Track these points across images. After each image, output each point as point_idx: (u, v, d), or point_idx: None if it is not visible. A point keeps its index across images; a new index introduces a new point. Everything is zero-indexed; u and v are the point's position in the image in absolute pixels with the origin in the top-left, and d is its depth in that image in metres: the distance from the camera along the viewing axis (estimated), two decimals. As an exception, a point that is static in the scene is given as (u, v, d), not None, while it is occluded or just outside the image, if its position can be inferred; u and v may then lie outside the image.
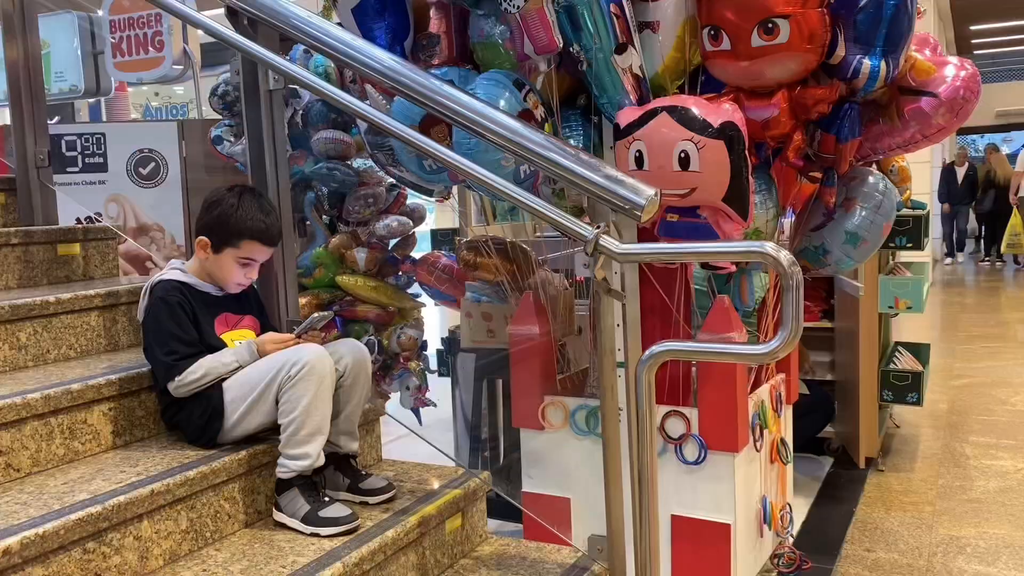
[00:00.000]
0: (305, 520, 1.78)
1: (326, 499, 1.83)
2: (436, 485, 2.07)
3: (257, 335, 2.01)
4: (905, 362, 4.02)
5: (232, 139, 3.52)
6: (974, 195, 12.93)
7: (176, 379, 1.85)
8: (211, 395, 1.87)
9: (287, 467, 1.82)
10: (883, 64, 2.10)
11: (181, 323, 1.90)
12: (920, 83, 2.27)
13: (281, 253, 2.23)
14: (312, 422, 1.81)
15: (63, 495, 1.60)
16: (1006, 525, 3.11)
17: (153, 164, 4.30)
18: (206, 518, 1.77)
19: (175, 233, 4.29)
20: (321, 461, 1.85)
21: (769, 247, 1.56)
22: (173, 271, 2.01)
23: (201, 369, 1.85)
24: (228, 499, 1.81)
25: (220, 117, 3.64)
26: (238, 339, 1.97)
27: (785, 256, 1.53)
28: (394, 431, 2.81)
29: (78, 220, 4.02)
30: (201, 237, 1.98)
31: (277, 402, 1.83)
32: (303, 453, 1.81)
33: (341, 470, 1.98)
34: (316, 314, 1.98)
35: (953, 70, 2.27)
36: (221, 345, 1.94)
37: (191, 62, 4.76)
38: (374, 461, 2.25)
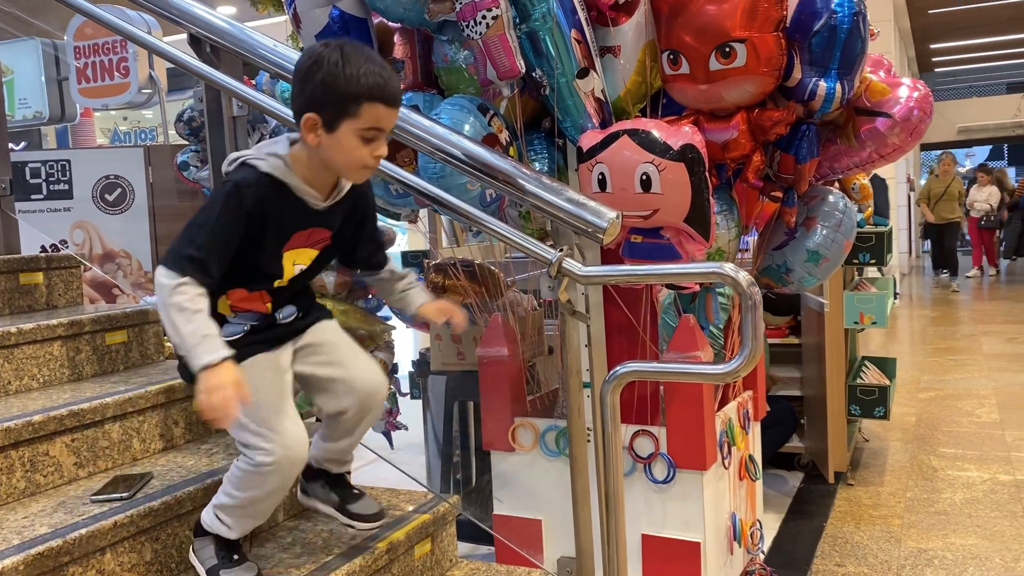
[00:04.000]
0: (208, 574, 1.64)
1: (235, 557, 1.65)
2: (405, 510, 2.06)
3: (320, 253, 1.66)
4: (872, 376, 4.07)
5: (199, 164, 3.52)
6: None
7: (174, 272, 1.45)
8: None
9: (207, 523, 1.65)
10: (838, 86, 2.15)
11: (235, 230, 1.50)
12: (875, 104, 2.32)
13: (247, 279, 2.22)
14: (252, 512, 1.64)
15: (23, 529, 1.58)
16: (973, 536, 3.15)
17: (119, 190, 4.27)
18: (171, 549, 1.75)
19: (142, 260, 4.26)
20: (243, 534, 1.68)
21: (728, 268, 1.59)
22: (275, 161, 1.54)
23: (186, 302, 1.44)
24: (193, 529, 1.79)
25: (187, 142, 3.64)
26: (294, 259, 1.62)
27: (744, 277, 1.56)
28: (364, 455, 2.80)
29: (43, 248, 3.98)
30: (308, 115, 1.50)
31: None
32: (228, 527, 1.63)
33: (331, 485, 1.81)
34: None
35: (907, 91, 2.32)
36: (275, 268, 1.59)
37: (158, 87, 4.75)
38: (343, 487, 2.24)
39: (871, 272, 4.68)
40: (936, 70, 17.11)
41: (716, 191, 2.23)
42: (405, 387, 3.74)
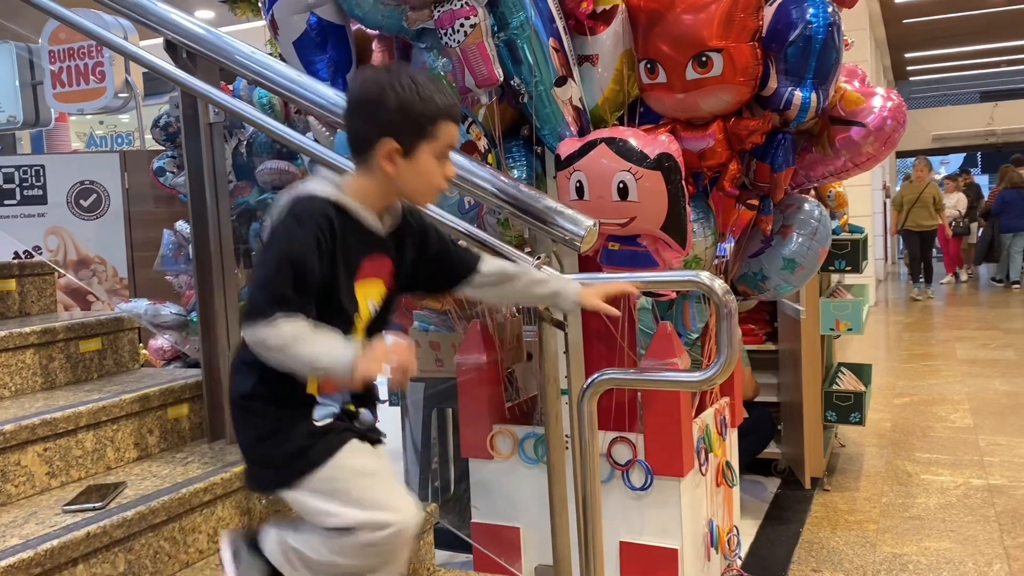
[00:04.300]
0: None
1: None
2: (382, 518, 2.05)
3: (386, 284, 1.54)
4: (847, 382, 4.11)
5: (175, 170, 3.50)
6: None
7: (260, 325, 1.32)
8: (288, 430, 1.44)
9: (276, 561, 1.49)
10: (814, 95, 2.17)
11: (307, 256, 1.36)
12: (849, 113, 2.35)
13: (223, 284, 2.21)
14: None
15: (-7, 541, 1.56)
16: (946, 540, 3.19)
17: (94, 196, 4.23)
18: (145, 560, 1.73)
19: (118, 266, 4.22)
20: None
21: (704, 276, 1.60)
22: (326, 185, 1.45)
23: (291, 338, 1.32)
24: (168, 539, 1.78)
25: (163, 148, 3.62)
26: (366, 294, 1.50)
27: (719, 285, 1.57)
28: (342, 464, 2.78)
29: (16, 254, 3.94)
30: (386, 141, 1.43)
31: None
32: None
33: None
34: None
35: (880, 100, 2.35)
36: (351, 304, 1.47)
37: (134, 92, 4.71)
38: (320, 495, 2.23)
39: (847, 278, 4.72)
40: (911, 79, 17.33)
41: (693, 199, 2.25)
42: (383, 394, 3.72)
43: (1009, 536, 3.19)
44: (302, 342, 1.32)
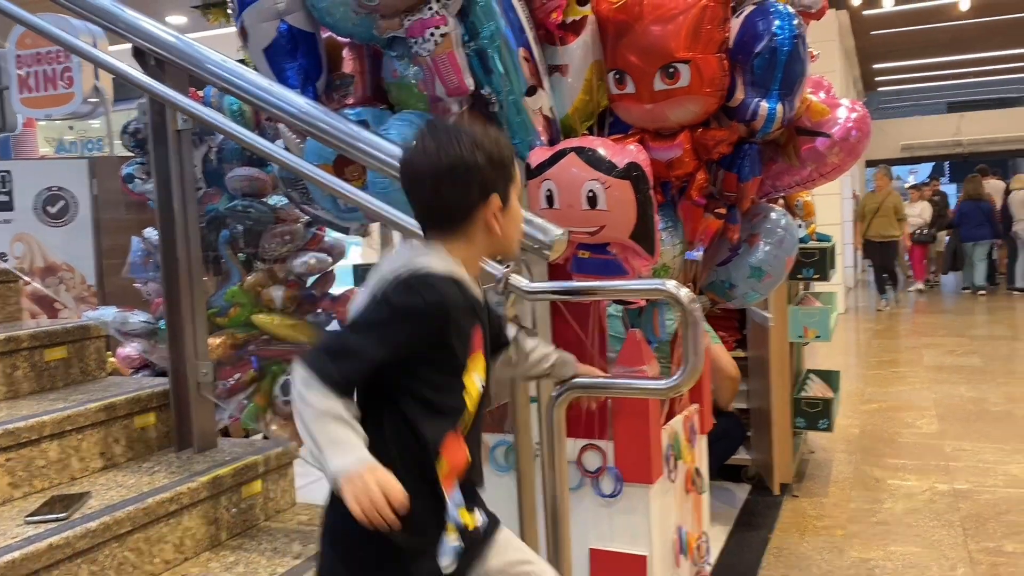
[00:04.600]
0: None
1: None
2: (351, 527, 2.04)
3: (485, 356, 1.47)
4: (816, 389, 4.15)
5: (144, 177, 3.47)
6: None
7: (310, 371, 1.25)
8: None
9: None
10: (779, 106, 2.20)
11: (397, 344, 1.29)
12: (815, 124, 2.38)
13: (191, 292, 2.20)
14: None
15: (-47, 553, 1.54)
16: (912, 545, 3.23)
17: (62, 202, 4.19)
18: (109, 571, 1.71)
19: (86, 273, 4.17)
20: None
21: (670, 285, 1.62)
22: (442, 262, 1.36)
23: (318, 409, 1.23)
24: (133, 550, 1.76)
25: (133, 154, 3.58)
26: (476, 369, 1.42)
27: (685, 294, 1.59)
28: (312, 472, 2.77)
29: (-19, 261, 3.88)
30: (492, 200, 1.38)
31: None
32: None
33: None
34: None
35: (845, 111, 2.39)
36: (462, 386, 1.39)
37: (103, 98, 4.66)
38: (288, 505, 2.22)
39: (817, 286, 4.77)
40: (880, 89, 17.58)
41: (661, 208, 2.27)
42: (355, 402, 3.71)
43: (973, 540, 3.25)
44: (320, 419, 1.24)
